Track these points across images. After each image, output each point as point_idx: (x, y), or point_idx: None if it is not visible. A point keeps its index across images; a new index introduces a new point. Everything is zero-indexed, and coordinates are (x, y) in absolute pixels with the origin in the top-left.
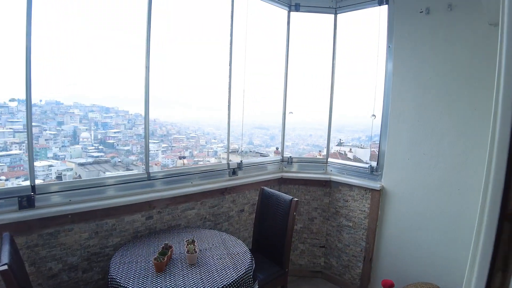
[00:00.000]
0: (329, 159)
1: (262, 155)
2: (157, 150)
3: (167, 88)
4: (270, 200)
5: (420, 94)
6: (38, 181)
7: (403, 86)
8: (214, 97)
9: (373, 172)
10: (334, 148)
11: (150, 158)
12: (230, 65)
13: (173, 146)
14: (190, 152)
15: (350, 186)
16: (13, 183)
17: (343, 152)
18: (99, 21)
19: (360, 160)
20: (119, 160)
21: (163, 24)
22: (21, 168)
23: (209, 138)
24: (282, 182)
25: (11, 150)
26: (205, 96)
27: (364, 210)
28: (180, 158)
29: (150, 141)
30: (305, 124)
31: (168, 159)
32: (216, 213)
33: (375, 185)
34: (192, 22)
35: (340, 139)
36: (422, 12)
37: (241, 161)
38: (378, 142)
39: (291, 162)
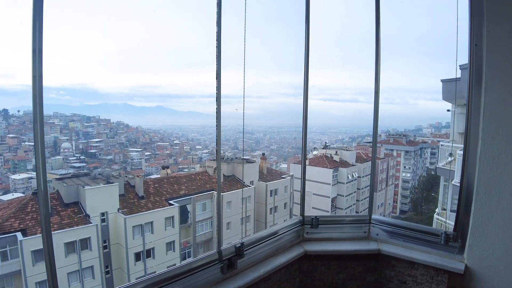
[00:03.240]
0: (374, 216)
1: (248, 161)
2: (140, 159)
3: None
4: None
5: None
6: None
7: (501, 104)
8: (200, 103)
9: (450, 242)
10: (320, 151)
11: (133, 167)
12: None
13: (156, 154)
14: (174, 159)
15: (411, 263)
16: None
17: (329, 155)
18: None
19: (346, 163)
20: (99, 172)
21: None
22: (0, 182)
23: (194, 145)
24: (304, 258)
25: None
26: (191, 103)
27: None
28: (163, 168)
29: (131, 149)
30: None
31: (152, 167)
32: None
33: (454, 264)
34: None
35: (326, 142)
36: None
37: (242, 242)
38: (372, 146)
39: (317, 224)
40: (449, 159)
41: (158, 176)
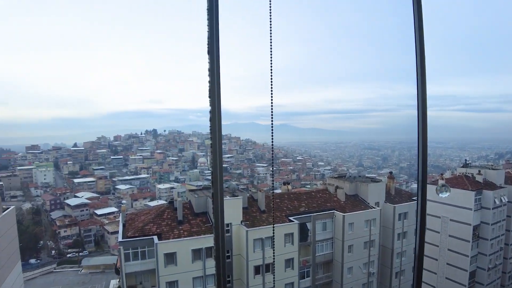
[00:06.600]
0: None
1: (373, 180)
2: (266, 174)
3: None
4: None
5: None
6: None
7: None
8: (321, 119)
9: None
10: (458, 170)
11: (259, 181)
12: None
13: (280, 169)
14: (297, 175)
15: None
16: (141, 203)
17: (470, 175)
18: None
19: (492, 185)
20: (226, 185)
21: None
22: (148, 190)
23: (316, 161)
24: None
25: (140, 174)
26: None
27: None
28: (284, 183)
29: (258, 164)
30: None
31: (276, 182)
32: None
33: None
34: None
35: (466, 160)
36: None
37: None
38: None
39: None
40: None
41: (279, 191)
